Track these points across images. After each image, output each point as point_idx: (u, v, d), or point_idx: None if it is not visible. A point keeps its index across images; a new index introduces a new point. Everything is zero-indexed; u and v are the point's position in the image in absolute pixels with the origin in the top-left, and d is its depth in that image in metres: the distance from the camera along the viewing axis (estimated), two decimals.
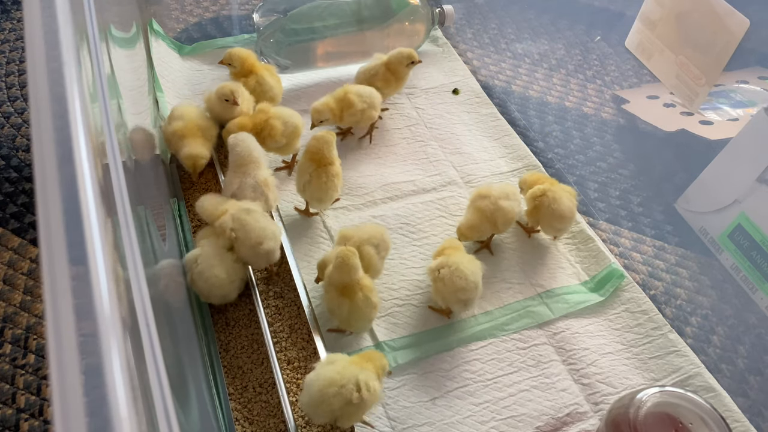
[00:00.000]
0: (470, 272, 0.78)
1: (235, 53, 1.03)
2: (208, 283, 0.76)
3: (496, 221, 0.87)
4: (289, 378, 0.75)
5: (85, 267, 0.32)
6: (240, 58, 1.03)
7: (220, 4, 1.35)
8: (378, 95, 1.03)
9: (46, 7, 0.44)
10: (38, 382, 0.73)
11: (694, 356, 0.80)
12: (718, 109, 1.15)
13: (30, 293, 0.81)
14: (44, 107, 0.38)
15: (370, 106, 1.01)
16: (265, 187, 0.85)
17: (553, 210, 0.87)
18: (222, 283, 0.76)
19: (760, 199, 0.87)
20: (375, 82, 1.06)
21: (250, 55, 1.04)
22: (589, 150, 1.10)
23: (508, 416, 0.75)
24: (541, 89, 1.22)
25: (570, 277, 0.89)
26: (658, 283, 0.90)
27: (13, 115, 1.04)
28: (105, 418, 0.27)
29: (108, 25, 0.63)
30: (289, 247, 0.87)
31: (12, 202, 0.91)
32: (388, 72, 1.07)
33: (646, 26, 1.24)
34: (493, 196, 0.87)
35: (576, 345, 0.81)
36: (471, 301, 0.79)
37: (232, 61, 1.04)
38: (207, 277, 0.76)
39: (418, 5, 1.20)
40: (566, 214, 0.87)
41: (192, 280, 0.76)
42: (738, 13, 1.03)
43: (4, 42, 1.18)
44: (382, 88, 1.06)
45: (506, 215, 0.87)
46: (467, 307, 0.80)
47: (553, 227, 0.89)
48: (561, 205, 0.87)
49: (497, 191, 0.88)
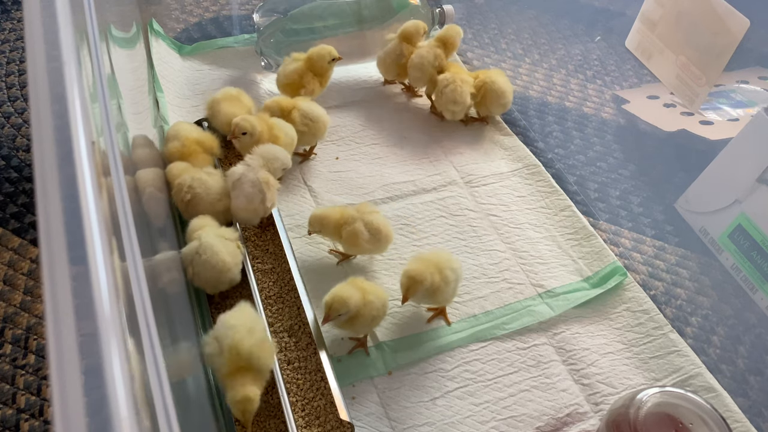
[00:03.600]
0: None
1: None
2: (215, 270, 0.77)
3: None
4: (289, 378, 0.75)
5: (85, 267, 0.32)
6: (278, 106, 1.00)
7: (220, 4, 1.35)
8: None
9: (46, 7, 0.44)
10: (38, 382, 0.73)
11: (694, 356, 0.80)
12: (719, 109, 1.15)
13: (30, 293, 0.81)
14: (44, 107, 0.38)
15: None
16: (265, 185, 0.85)
17: (495, 90, 1.05)
18: (229, 266, 0.78)
19: (760, 199, 0.87)
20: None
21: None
22: (589, 150, 1.10)
23: (508, 416, 0.75)
24: (541, 89, 1.22)
25: (572, 274, 0.89)
26: (658, 284, 0.90)
27: (14, 115, 1.04)
28: (105, 418, 0.27)
29: (108, 25, 0.64)
30: (289, 247, 0.87)
31: (12, 202, 0.91)
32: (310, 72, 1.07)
33: (646, 26, 1.24)
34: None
35: (576, 345, 0.81)
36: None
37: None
38: (214, 264, 0.76)
39: (418, 5, 1.21)
40: (506, 88, 1.07)
41: (196, 273, 0.77)
42: (738, 13, 1.03)
43: (4, 42, 1.18)
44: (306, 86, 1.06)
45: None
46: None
47: (500, 105, 1.07)
48: (500, 84, 1.06)
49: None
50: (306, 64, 1.05)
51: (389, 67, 1.13)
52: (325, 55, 1.05)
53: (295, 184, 0.99)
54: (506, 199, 1.00)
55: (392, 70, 1.13)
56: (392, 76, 1.15)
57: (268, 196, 0.85)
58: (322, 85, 1.08)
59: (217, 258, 0.77)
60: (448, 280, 0.78)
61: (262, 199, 0.85)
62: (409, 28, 1.11)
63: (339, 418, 0.70)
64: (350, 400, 0.75)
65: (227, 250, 0.78)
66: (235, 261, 0.79)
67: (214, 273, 0.77)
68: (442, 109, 1.08)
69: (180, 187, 0.85)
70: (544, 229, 0.96)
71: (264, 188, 0.85)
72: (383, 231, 0.85)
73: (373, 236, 0.84)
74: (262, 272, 0.86)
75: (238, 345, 0.64)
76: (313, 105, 1.01)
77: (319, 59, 1.05)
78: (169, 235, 0.78)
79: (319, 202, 0.96)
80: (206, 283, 0.78)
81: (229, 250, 0.79)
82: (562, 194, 1.00)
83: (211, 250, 0.77)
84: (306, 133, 0.99)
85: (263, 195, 0.85)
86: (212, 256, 0.77)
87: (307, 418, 0.72)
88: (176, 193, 0.85)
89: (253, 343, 0.66)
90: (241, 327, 0.66)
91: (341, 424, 0.70)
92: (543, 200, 1.00)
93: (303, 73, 1.05)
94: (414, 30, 1.11)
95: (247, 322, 0.67)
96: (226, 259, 0.77)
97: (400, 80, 1.17)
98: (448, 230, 0.94)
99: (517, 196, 1.00)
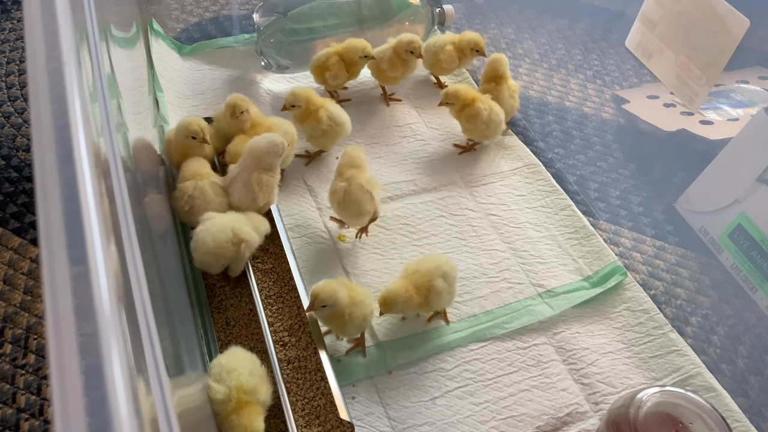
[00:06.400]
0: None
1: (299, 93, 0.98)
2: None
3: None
4: (289, 378, 0.75)
5: (85, 267, 0.32)
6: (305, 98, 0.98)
7: (220, 4, 1.35)
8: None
9: (46, 7, 0.44)
10: (38, 382, 0.73)
11: (694, 356, 0.80)
12: (718, 109, 1.15)
13: (30, 293, 0.81)
14: (44, 107, 0.38)
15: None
16: (257, 185, 0.85)
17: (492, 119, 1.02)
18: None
19: (760, 199, 0.87)
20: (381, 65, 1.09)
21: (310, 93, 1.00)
22: (589, 150, 1.10)
23: (508, 416, 0.75)
24: (541, 89, 1.22)
25: (572, 273, 0.90)
26: (658, 283, 0.90)
27: (14, 115, 1.04)
28: (105, 418, 0.27)
29: (108, 25, 0.63)
30: (289, 247, 0.87)
31: (12, 202, 0.91)
32: (395, 56, 1.09)
33: (646, 26, 1.24)
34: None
35: (576, 345, 0.81)
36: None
37: (296, 101, 0.98)
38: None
39: (419, 5, 1.21)
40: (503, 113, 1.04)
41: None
42: (738, 13, 1.03)
43: (4, 42, 1.18)
44: (387, 71, 1.09)
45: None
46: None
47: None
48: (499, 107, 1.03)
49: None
50: (339, 50, 1.07)
51: (380, 73, 1.11)
52: (358, 48, 1.07)
53: (295, 184, 0.99)
54: (506, 199, 1.00)
55: (382, 76, 1.12)
56: (383, 80, 1.13)
57: (260, 196, 0.85)
58: (350, 75, 1.10)
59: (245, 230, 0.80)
60: (438, 291, 0.78)
61: (253, 199, 0.85)
62: (402, 44, 1.08)
63: (339, 417, 0.70)
64: (350, 400, 0.75)
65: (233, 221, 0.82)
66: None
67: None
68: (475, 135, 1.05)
69: (180, 196, 0.85)
70: (544, 229, 0.96)
71: (255, 189, 0.85)
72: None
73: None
74: (262, 272, 0.86)
75: (243, 385, 0.65)
76: (340, 110, 1.00)
77: (351, 50, 1.07)
78: (169, 235, 0.78)
79: (319, 202, 0.96)
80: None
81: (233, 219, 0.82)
82: (562, 194, 1.00)
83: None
84: (327, 133, 0.98)
85: (254, 195, 0.85)
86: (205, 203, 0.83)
87: (307, 418, 0.72)
88: (177, 199, 0.85)
89: (257, 381, 0.66)
90: (243, 369, 0.66)
91: (341, 424, 0.70)
92: (543, 200, 1.00)
93: (332, 56, 1.06)
94: (408, 46, 1.07)
95: (248, 365, 0.68)
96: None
97: (383, 83, 1.15)
98: (448, 230, 0.94)
99: (517, 196, 1.00)
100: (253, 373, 0.67)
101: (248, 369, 0.67)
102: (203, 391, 0.63)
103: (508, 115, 1.07)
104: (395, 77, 1.11)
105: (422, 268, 0.79)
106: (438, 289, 0.78)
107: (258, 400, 0.65)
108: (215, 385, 0.64)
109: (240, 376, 0.65)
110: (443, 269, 0.79)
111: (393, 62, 1.08)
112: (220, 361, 0.67)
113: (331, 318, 0.75)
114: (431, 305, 0.79)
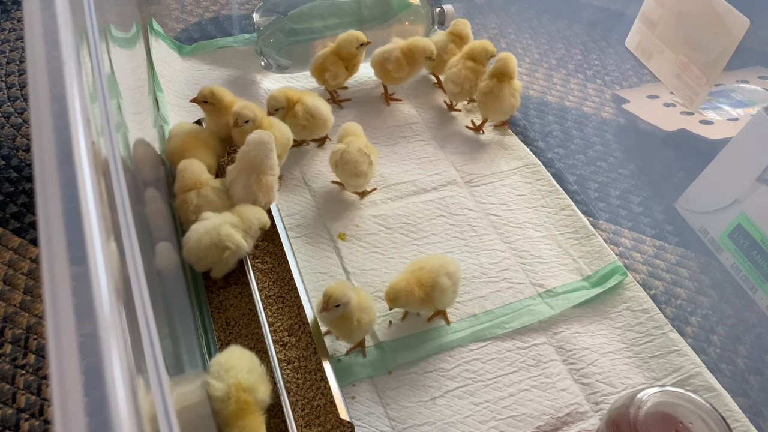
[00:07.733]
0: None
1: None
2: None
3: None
4: (289, 377, 0.75)
5: (85, 267, 0.32)
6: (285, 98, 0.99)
7: (220, 4, 1.35)
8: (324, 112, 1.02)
9: (46, 7, 0.44)
10: (38, 382, 0.73)
11: (694, 356, 0.80)
12: (718, 109, 1.15)
13: (30, 293, 0.81)
14: (44, 107, 0.38)
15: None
16: (256, 186, 0.85)
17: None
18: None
19: (760, 199, 0.87)
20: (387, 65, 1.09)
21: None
22: (589, 150, 1.10)
23: (508, 416, 0.75)
24: (541, 89, 1.22)
25: (572, 273, 0.90)
26: (658, 283, 0.90)
27: (13, 115, 1.04)
28: (105, 418, 0.27)
29: (108, 25, 0.64)
30: (289, 247, 0.87)
31: (12, 202, 0.91)
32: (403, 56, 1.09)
33: (646, 26, 1.24)
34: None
35: (576, 344, 0.81)
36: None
37: (277, 105, 0.99)
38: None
39: (418, 5, 1.20)
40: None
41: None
42: (738, 13, 1.03)
43: (4, 42, 1.18)
44: (393, 72, 1.09)
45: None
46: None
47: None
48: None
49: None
50: (334, 48, 1.07)
51: (385, 73, 1.11)
52: (352, 41, 1.07)
53: (295, 184, 0.99)
54: (506, 199, 1.00)
55: (386, 76, 1.11)
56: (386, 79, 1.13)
57: (260, 197, 0.86)
58: (351, 71, 1.10)
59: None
60: (443, 288, 0.78)
61: (254, 200, 0.85)
62: (419, 50, 1.09)
63: (339, 417, 0.70)
64: (350, 400, 0.75)
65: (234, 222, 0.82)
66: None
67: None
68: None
69: (186, 207, 0.84)
70: (544, 229, 0.96)
71: (255, 189, 0.85)
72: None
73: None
74: (262, 272, 0.86)
75: (242, 383, 0.65)
76: (319, 101, 1.01)
77: (346, 44, 1.07)
78: (168, 234, 0.78)
79: (319, 202, 0.96)
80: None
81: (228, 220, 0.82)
82: (562, 193, 1.00)
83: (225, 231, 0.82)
84: (306, 128, 1.00)
85: (255, 196, 0.85)
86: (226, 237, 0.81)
87: (307, 418, 0.72)
88: (182, 210, 0.84)
89: (255, 379, 0.67)
90: (242, 367, 0.67)
91: (341, 424, 0.70)
92: (543, 199, 1.00)
93: (328, 56, 1.07)
94: (426, 52, 1.09)
95: (246, 363, 0.68)
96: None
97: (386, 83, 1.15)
98: (448, 230, 0.94)
99: (517, 195, 1.00)
100: (251, 371, 0.67)
101: (247, 367, 0.67)
102: (203, 389, 0.63)
103: (507, 114, 1.07)
104: (400, 78, 1.11)
105: (427, 265, 0.79)
106: (443, 286, 0.78)
107: (257, 398, 0.66)
108: (214, 382, 0.64)
109: (238, 374, 0.65)
110: (448, 268, 0.79)
111: (399, 63, 1.08)
112: (218, 359, 0.67)
113: (340, 323, 0.75)
114: (434, 302, 0.79)
